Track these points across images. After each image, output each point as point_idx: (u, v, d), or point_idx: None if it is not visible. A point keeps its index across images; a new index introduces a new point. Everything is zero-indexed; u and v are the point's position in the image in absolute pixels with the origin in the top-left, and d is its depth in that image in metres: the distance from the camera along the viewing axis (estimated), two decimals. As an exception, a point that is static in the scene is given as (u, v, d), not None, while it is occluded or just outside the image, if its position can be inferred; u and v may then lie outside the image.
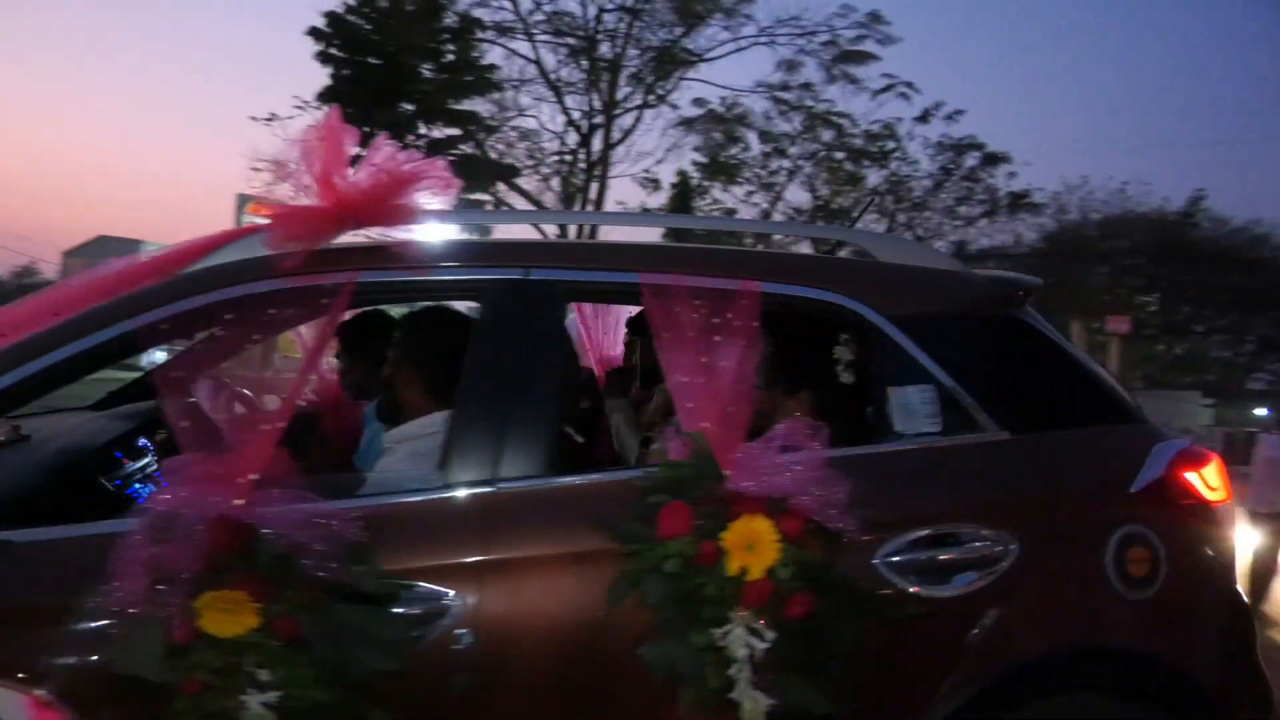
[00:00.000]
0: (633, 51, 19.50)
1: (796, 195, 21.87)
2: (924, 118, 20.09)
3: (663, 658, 1.76)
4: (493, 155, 20.11)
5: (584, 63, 19.46)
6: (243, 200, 16.22)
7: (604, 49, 19.41)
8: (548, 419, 2.01)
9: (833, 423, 2.17)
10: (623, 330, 4.00)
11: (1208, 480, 2.14)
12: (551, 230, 9.43)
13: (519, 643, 1.83)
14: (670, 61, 19.69)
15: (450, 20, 18.84)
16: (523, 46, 19.65)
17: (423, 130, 18.93)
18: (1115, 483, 2.09)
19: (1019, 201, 20.86)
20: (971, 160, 20.58)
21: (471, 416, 1.99)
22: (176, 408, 1.77)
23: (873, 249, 2.36)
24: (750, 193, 21.66)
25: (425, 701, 1.78)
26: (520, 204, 20.24)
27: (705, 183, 20.99)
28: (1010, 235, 21.87)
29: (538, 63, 19.53)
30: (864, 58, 19.64)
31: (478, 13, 19.07)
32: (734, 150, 20.63)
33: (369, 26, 18.43)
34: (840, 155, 20.43)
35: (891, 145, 20.06)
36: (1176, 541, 2.07)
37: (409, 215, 1.98)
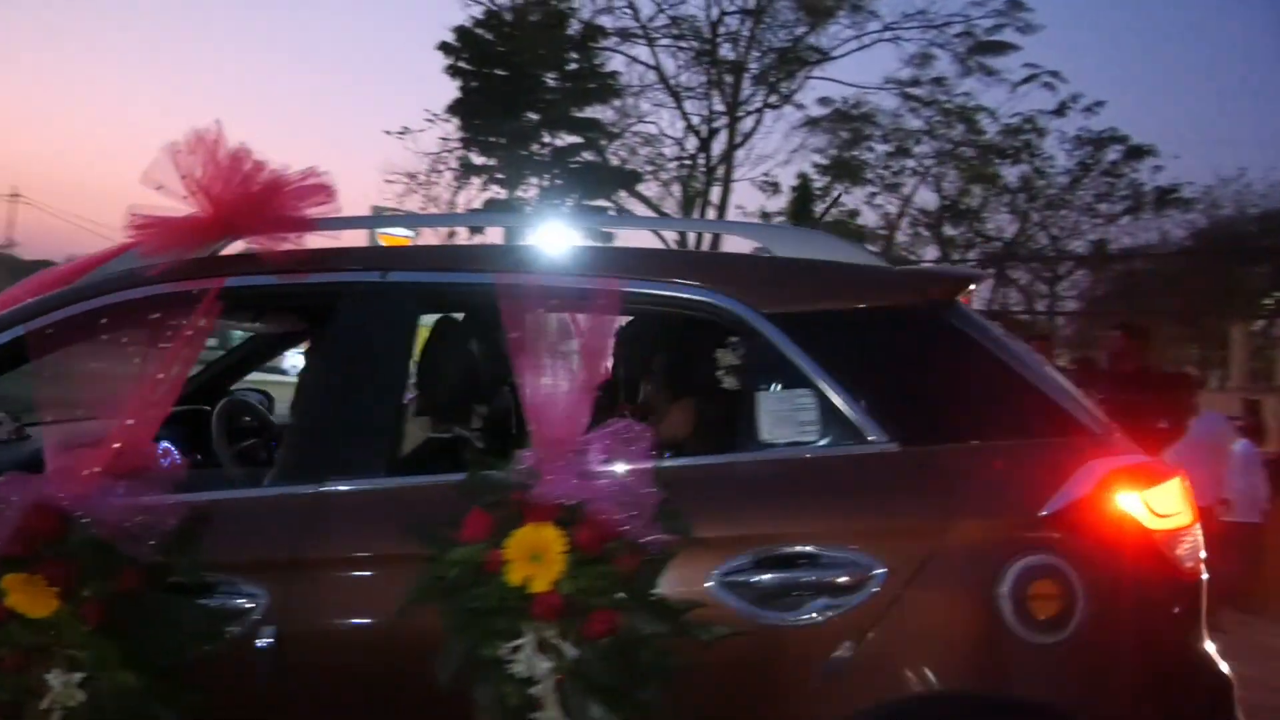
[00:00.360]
0: (755, 53, 19.35)
1: (923, 195, 21.18)
2: (1060, 111, 19.19)
3: (452, 670, 1.66)
4: (614, 162, 20.31)
5: (706, 66, 19.41)
6: (377, 212, 16.88)
7: (725, 51, 19.33)
8: (389, 420, 1.99)
9: (714, 431, 2.06)
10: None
11: (1153, 504, 1.81)
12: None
13: (324, 643, 1.80)
14: (795, 61, 19.41)
15: (574, 29, 19.15)
16: (643, 53, 19.77)
17: (546, 139, 19.31)
18: (1020, 504, 1.81)
19: (1166, 197, 19.66)
20: (1113, 154, 19.54)
21: (310, 415, 2.03)
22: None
23: (770, 243, 2.19)
24: (873, 194, 21.16)
25: (230, 695, 1.77)
26: (642, 212, 20.38)
27: (834, 184, 20.61)
28: (1156, 233, 20.64)
29: (657, 68, 19.62)
30: (1002, 48, 18.86)
31: (600, 20, 19.31)
32: (859, 150, 20.19)
33: (496, 40, 18.93)
34: (972, 152, 19.70)
35: (1033, 139, 19.22)
36: (1102, 577, 1.75)
37: (287, 224, 2.03)
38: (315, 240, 2.08)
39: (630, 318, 2.66)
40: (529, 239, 2.34)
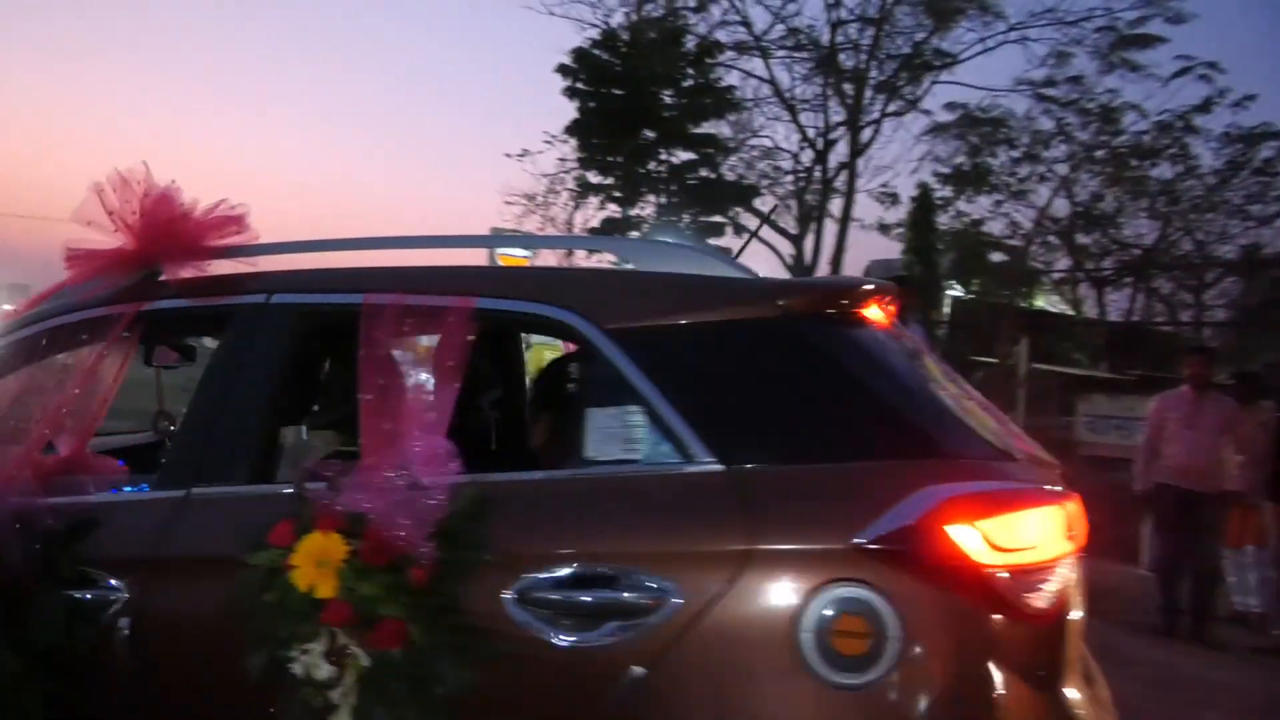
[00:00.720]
0: (875, 60, 18.93)
1: (1053, 201, 20.24)
2: (1205, 107, 18.05)
3: (258, 670, 1.75)
4: (729, 178, 20.26)
5: (824, 76, 19.14)
6: (496, 233, 17.33)
7: (845, 60, 19.00)
8: (260, 431, 2.13)
9: (556, 446, 2.08)
10: None
11: (996, 537, 1.64)
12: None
13: (173, 636, 1.95)
14: (919, 66, 18.92)
15: (690, 45, 19.24)
16: (758, 67, 19.68)
17: (663, 156, 19.43)
18: (834, 531, 1.68)
19: (1333, 194, 18.18)
20: (1268, 150, 18.23)
21: (189, 425, 2.24)
22: None
23: (633, 257, 2.22)
24: (999, 203, 20.40)
25: (94, 681, 1.96)
26: (755, 226, 20.25)
27: (958, 193, 19.95)
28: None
29: (772, 82, 19.48)
30: (1148, 41, 17.84)
31: (716, 35, 19.32)
32: (986, 157, 19.46)
33: (613, 59, 19.22)
34: (1111, 154, 18.72)
35: (1183, 137, 18.08)
36: (921, 615, 1.61)
37: (200, 253, 2.25)
38: (228, 266, 2.31)
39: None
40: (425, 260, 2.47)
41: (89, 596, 1.99)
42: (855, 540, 1.66)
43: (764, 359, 1.91)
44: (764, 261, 20.84)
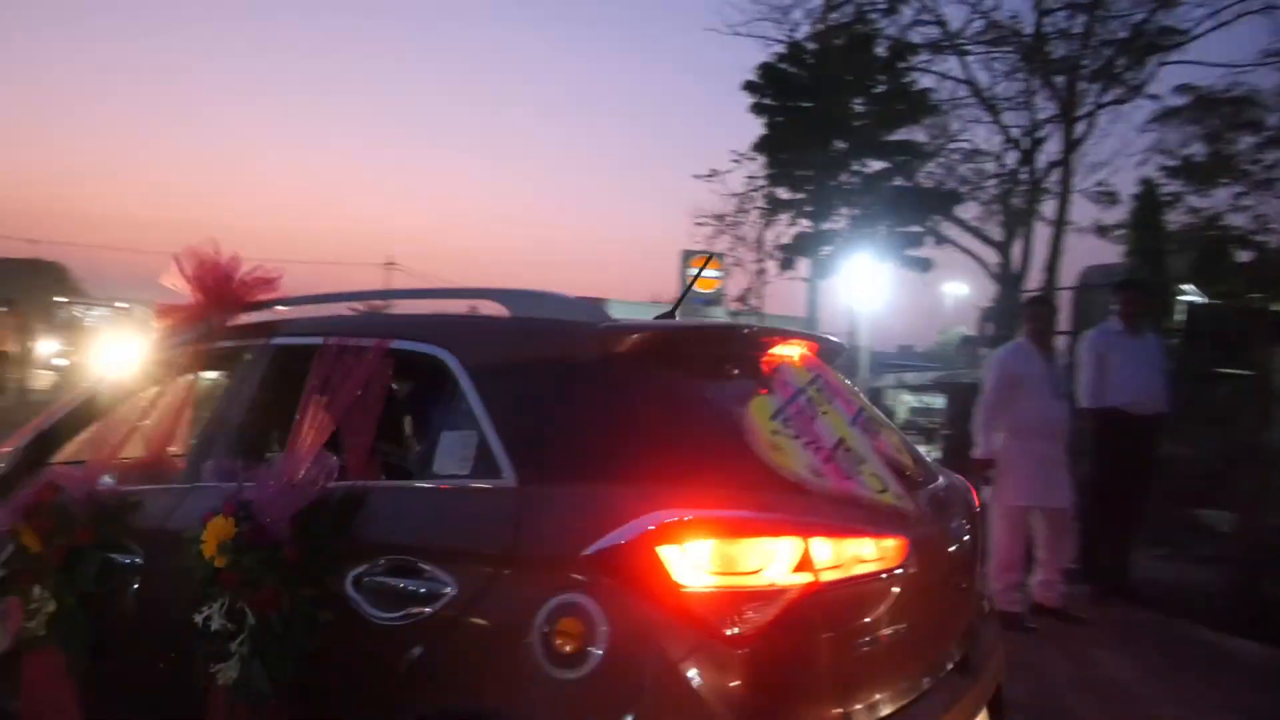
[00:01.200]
0: (1090, 46, 17.28)
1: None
2: None
3: (192, 620, 2.25)
4: (927, 185, 19.23)
5: (1030, 70, 17.72)
6: (686, 255, 17.31)
7: (1055, 49, 17.47)
8: (250, 441, 2.73)
9: (424, 461, 2.46)
10: None
11: (706, 561, 1.80)
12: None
13: (162, 588, 2.55)
14: (1146, 48, 17.10)
15: (881, 49, 18.45)
16: (953, 67, 18.56)
17: (856, 167, 18.74)
18: (567, 544, 1.91)
19: None
20: None
21: (204, 437, 2.84)
22: None
23: (511, 305, 2.58)
24: (1240, 195, 18.21)
25: (107, 624, 2.65)
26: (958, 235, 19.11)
27: (1189, 185, 17.99)
28: None
29: (970, 82, 18.30)
30: None
31: (908, 36, 18.40)
32: (1225, 143, 17.40)
33: (800, 71, 18.80)
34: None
35: None
36: (623, 624, 1.80)
37: (240, 306, 2.98)
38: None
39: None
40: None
41: (128, 561, 2.67)
42: (584, 552, 1.86)
43: (567, 392, 2.19)
44: (968, 272, 19.65)
